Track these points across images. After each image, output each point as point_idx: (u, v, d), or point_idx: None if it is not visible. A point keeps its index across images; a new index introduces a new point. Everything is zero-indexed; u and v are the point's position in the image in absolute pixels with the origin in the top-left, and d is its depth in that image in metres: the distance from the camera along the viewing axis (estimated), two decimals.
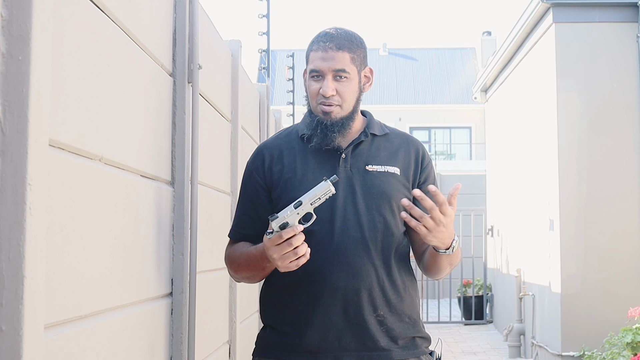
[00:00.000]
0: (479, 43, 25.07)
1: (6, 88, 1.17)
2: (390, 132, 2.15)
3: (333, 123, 2.02)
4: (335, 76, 2.01)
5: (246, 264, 2.04)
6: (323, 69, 2.01)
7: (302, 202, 1.85)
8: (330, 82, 2.01)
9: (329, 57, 2.01)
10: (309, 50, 2.07)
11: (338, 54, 2.02)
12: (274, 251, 1.85)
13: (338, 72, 2.01)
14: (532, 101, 7.36)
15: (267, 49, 8.65)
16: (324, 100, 2.02)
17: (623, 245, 6.08)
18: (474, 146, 24.30)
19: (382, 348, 1.99)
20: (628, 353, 5.11)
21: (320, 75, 2.02)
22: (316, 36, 2.08)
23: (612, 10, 6.26)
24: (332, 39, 2.03)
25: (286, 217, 1.85)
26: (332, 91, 2.00)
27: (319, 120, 2.02)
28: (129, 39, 1.82)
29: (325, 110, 2.02)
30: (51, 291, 1.32)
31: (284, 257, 1.84)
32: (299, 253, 1.85)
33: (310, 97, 2.06)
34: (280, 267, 1.88)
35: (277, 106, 14.84)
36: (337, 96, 2.02)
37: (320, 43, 2.04)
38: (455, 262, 2.06)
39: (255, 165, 2.11)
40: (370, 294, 1.98)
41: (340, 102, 2.02)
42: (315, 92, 2.03)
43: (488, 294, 10.69)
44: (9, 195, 1.16)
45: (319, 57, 2.02)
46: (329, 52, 2.02)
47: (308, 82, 2.06)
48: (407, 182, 2.08)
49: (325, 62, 2.01)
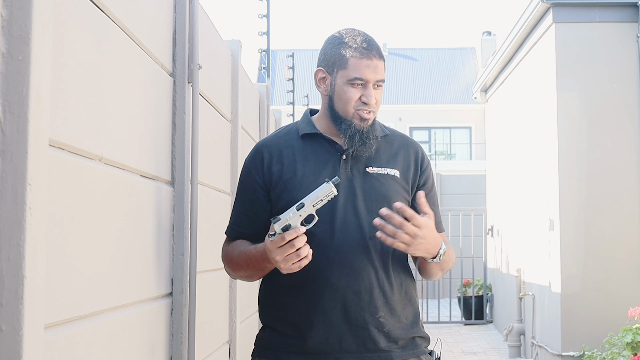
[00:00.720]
0: (479, 43, 25.07)
1: (6, 88, 1.17)
2: (390, 134, 2.14)
3: (369, 129, 2.02)
4: (375, 85, 2.02)
5: (245, 263, 2.03)
6: (369, 78, 2.00)
7: (304, 204, 1.85)
8: (372, 91, 2.01)
9: (374, 66, 2.00)
10: (345, 54, 2.01)
11: (380, 64, 2.02)
12: (277, 253, 1.84)
13: (378, 82, 2.02)
14: (532, 101, 7.36)
15: (267, 49, 8.65)
16: (365, 108, 2.01)
17: (623, 245, 6.08)
18: (474, 146, 24.30)
19: (382, 349, 1.99)
20: (628, 353, 5.11)
21: (363, 84, 2.00)
22: (351, 39, 2.03)
23: (612, 10, 6.26)
24: (373, 47, 2.02)
25: (288, 219, 1.85)
26: (374, 100, 2.01)
27: (357, 128, 2.01)
28: (129, 39, 1.82)
29: (364, 117, 2.01)
30: (51, 291, 1.32)
31: (287, 259, 1.84)
32: (302, 255, 1.85)
33: (345, 102, 2.01)
34: (283, 269, 1.87)
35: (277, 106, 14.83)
36: (375, 105, 2.03)
37: (363, 50, 2.00)
38: (447, 267, 2.08)
39: (254, 164, 2.09)
40: (371, 295, 1.98)
41: (375, 110, 2.04)
42: (355, 99, 2.01)
43: (488, 294, 10.69)
44: (9, 195, 1.16)
45: (364, 65, 1.99)
46: (373, 60, 2.00)
47: (344, 87, 2.01)
48: (407, 185, 2.08)
49: (372, 71, 2.00)
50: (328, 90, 2.05)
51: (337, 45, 2.04)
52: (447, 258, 2.03)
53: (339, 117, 2.03)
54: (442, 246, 1.97)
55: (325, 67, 2.06)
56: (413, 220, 1.87)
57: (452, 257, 2.09)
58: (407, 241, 1.88)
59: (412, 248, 1.90)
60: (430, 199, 2.12)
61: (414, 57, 27.11)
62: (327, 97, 2.07)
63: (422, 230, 1.88)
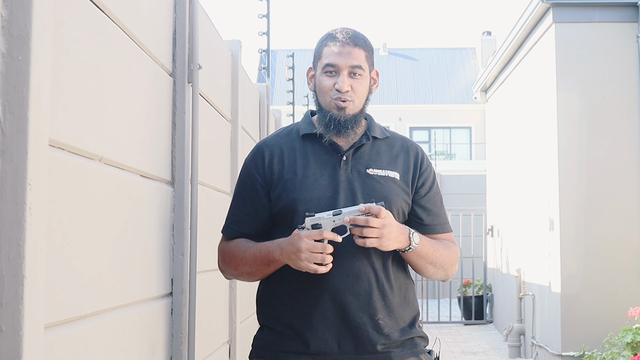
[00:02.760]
0: (479, 43, 25.07)
1: (6, 88, 1.17)
2: (391, 136, 2.14)
3: (347, 119, 2.01)
4: (350, 72, 2.00)
5: (253, 258, 2.02)
6: (340, 64, 1.99)
7: (341, 212, 1.89)
8: (346, 78, 2.00)
9: (345, 53, 2.00)
10: (322, 46, 2.04)
11: (355, 50, 2.01)
12: (305, 244, 1.86)
13: (354, 69, 2.00)
14: (532, 101, 7.36)
15: (267, 49, 8.65)
16: (339, 96, 2.00)
17: (623, 245, 6.08)
18: (474, 146, 24.30)
19: (381, 350, 1.99)
20: (628, 353, 5.11)
21: (335, 70, 2.00)
22: (328, 34, 2.06)
23: (612, 10, 6.26)
24: (349, 36, 2.02)
25: (322, 219, 1.89)
26: (347, 87, 1.99)
27: (332, 117, 2.01)
28: (129, 39, 1.82)
29: (340, 106, 2.00)
30: (51, 291, 1.32)
31: (311, 256, 1.87)
32: (326, 260, 1.88)
33: (322, 92, 2.03)
34: (298, 264, 1.89)
35: (277, 106, 14.83)
36: (351, 92, 2.01)
37: (335, 38, 2.02)
38: (438, 260, 2.06)
39: (255, 163, 2.09)
40: (370, 297, 1.98)
41: (354, 99, 2.01)
42: (329, 87, 2.01)
43: (488, 294, 10.69)
44: (9, 195, 1.16)
45: (335, 52, 2.00)
46: (346, 47, 2.00)
47: (320, 77, 2.03)
48: (407, 187, 2.07)
49: (343, 58, 1.99)
50: (313, 85, 2.09)
51: (319, 41, 2.08)
52: (427, 247, 2.02)
53: (321, 109, 2.05)
54: (410, 230, 1.97)
55: (312, 63, 2.11)
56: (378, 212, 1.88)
57: (437, 247, 2.06)
58: (376, 234, 1.88)
59: (385, 240, 1.90)
60: (431, 200, 2.11)
61: (414, 57, 27.10)
62: (313, 93, 2.10)
63: (386, 219, 1.89)
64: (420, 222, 2.10)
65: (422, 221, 2.10)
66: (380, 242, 1.90)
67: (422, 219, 2.10)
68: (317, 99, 2.07)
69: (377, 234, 1.88)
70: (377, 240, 1.89)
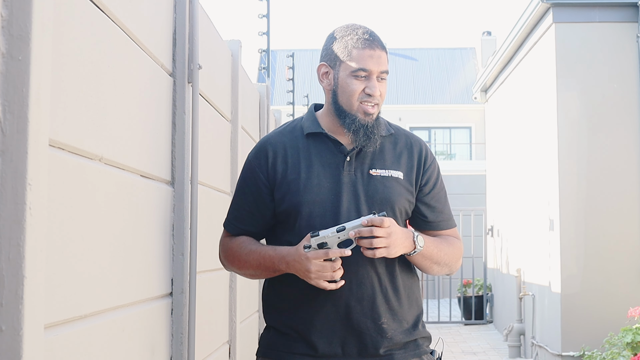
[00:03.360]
0: (479, 43, 25.05)
1: (6, 88, 1.17)
2: (395, 132, 2.12)
3: (373, 124, 2.00)
4: (378, 77, 2.00)
5: (257, 263, 2.02)
6: (372, 69, 1.98)
7: (345, 228, 1.89)
8: (376, 83, 1.99)
9: (377, 57, 1.98)
10: (349, 47, 1.99)
11: (383, 55, 2.00)
12: (314, 266, 1.88)
13: (382, 74, 2.00)
14: (532, 101, 7.36)
15: (267, 49, 8.65)
16: (369, 100, 1.99)
17: (623, 245, 6.08)
18: (474, 146, 24.30)
19: (384, 353, 1.99)
20: (628, 353, 5.11)
21: (367, 75, 1.98)
22: (352, 32, 2.01)
23: (612, 10, 6.26)
24: (375, 39, 2.00)
25: (326, 237, 1.89)
26: (379, 92, 1.99)
27: (361, 123, 1.99)
28: (129, 39, 1.82)
29: (369, 111, 1.99)
30: (51, 291, 1.32)
31: (321, 275, 1.89)
32: (336, 277, 1.90)
33: (349, 95, 1.99)
34: (311, 281, 1.91)
35: (277, 106, 14.84)
36: (379, 97, 2.00)
37: (366, 41, 1.98)
38: (442, 258, 2.06)
39: (259, 162, 2.07)
40: (373, 302, 1.98)
41: (379, 102, 2.01)
42: (359, 91, 1.98)
43: (488, 294, 10.69)
44: (9, 195, 1.16)
45: (367, 56, 1.97)
46: (376, 50, 1.98)
47: (347, 79, 1.99)
48: (411, 186, 2.07)
49: (376, 62, 1.98)
50: (332, 84, 2.03)
51: (339, 39, 2.02)
52: (431, 248, 2.02)
53: (343, 111, 2.01)
54: (414, 234, 1.97)
55: (327, 61, 2.04)
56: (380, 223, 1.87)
57: (440, 250, 2.06)
58: (385, 243, 1.88)
59: (393, 248, 1.90)
60: (435, 197, 2.11)
61: (414, 57, 27.10)
62: (330, 92, 2.04)
63: (391, 227, 1.89)
64: (424, 219, 2.10)
65: (426, 219, 2.10)
66: (388, 251, 1.90)
67: (427, 217, 2.10)
68: (335, 99, 2.02)
69: (385, 243, 1.88)
70: (385, 250, 1.89)
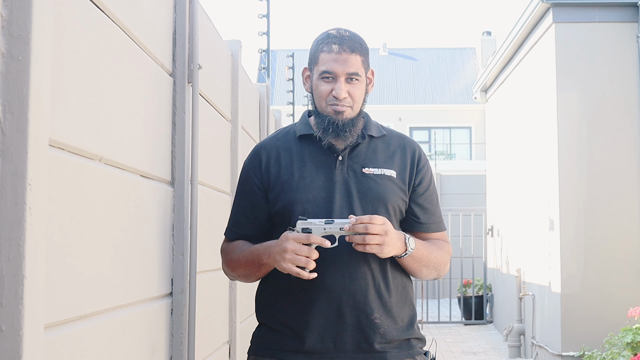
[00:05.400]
0: (479, 43, 25.07)
1: (6, 88, 1.17)
2: (388, 134, 2.14)
3: (345, 123, 2.02)
4: (347, 79, 2.01)
5: (245, 260, 2.05)
6: (337, 71, 2.00)
7: (333, 222, 1.90)
8: (343, 85, 2.00)
9: (342, 60, 2.00)
10: (319, 51, 2.03)
11: (351, 57, 2.01)
12: (292, 246, 1.87)
13: (351, 75, 2.01)
14: (532, 101, 7.36)
15: (267, 49, 8.66)
16: (336, 102, 2.01)
17: (623, 245, 6.08)
18: (474, 146, 24.30)
19: (377, 350, 1.99)
20: (628, 353, 5.11)
21: (333, 77, 2.01)
22: (325, 36, 2.05)
23: (612, 10, 6.26)
24: (345, 42, 2.02)
25: (312, 224, 1.90)
26: (345, 94, 2.00)
27: (330, 120, 2.01)
28: (129, 39, 1.82)
29: (338, 110, 2.01)
30: (51, 291, 1.32)
31: (294, 258, 1.88)
32: (309, 266, 1.88)
33: (319, 97, 2.04)
34: (281, 265, 1.90)
35: (277, 106, 14.83)
36: (348, 98, 2.01)
37: (332, 45, 2.01)
38: (434, 262, 2.06)
39: (253, 166, 2.11)
40: (366, 297, 1.99)
41: (352, 104, 2.03)
42: (326, 93, 2.02)
43: (488, 294, 10.69)
44: (9, 195, 1.16)
45: (332, 59, 2.00)
46: (342, 54, 2.00)
47: (317, 82, 2.03)
48: (404, 185, 2.08)
49: (340, 65, 2.00)
50: (310, 87, 2.09)
51: (315, 43, 2.07)
52: (422, 251, 2.02)
53: (318, 113, 2.06)
54: (405, 235, 1.98)
55: (308, 65, 2.11)
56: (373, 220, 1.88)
57: (431, 250, 2.07)
58: (378, 240, 1.88)
59: (386, 247, 1.90)
60: (428, 198, 2.12)
61: (414, 57, 27.10)
62: (310, 95, 2.10)
63: (386, 225, 1.89)
64: (416, 220, 2.11)
65: (418, 219, 2.11)
66: (381, 249, 1.90)
67: (419, 217, 2.11)
68: (313, 101, 2.08)
69: (379, 240, 1.88)
70: (378, 247, 1.89)
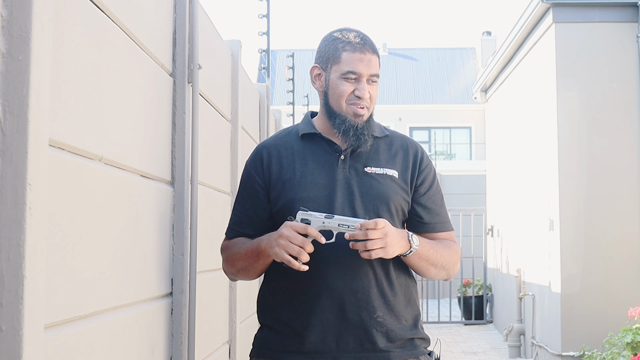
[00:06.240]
0: (479, 43, 25.07)
1: (6, 88, 1.17)
2: (390, 135, 2.14)
3: (363, 126, 2.02)
4: (368, 80, 2.02)
5: (245, 251, 2.05)
6: (362, 72, 2.00)
7: (333, 217, 1.91)
8: (366, 85, 2.01)
9: (367, 60, 2.01)
10: (339, 50, 2.02)
11: (374, 58, 2.03)
12: (288, 233, 1.88)
13: (372, 77, 2.02)
14: (532, 101, 7.36)
15: (267, 49, 8.66)
16: (359, 102, 2.01)
17: (623, 245, 6.08)
18: (474, 146, 24.30)
19: (380, 349, 1.99)
20: (628, 353, 5.11)
21: (356, 77, 2.01)
22: (344, 37, 2.04)
23: (612, 10, 6.26)
24: (366, 42, 2.03)
25: (312, 216, 1.91)
26: (368, 94, 2.01)
27: (351, 124, 2.01)
28: (129, 39, 1.82)
29: (358, 112, 2.02)
30: (51, 291, 1.32)
31: (287, 245, 1.88)
32: (300, 256, 1.88)
33: (338, 96, 2.02)
34: (275, 249, 1.90)
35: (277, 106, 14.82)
36: (368, 99, 2.02)
37: (356, 45, 2.02)
38: (438, 260, 2.06)
39: (254, 165, 2.11)
40: (368, 295, 1.98)
41: (369, 105, 2.04)
42: (348, 92, 2.01)
43: (488, 294, 10.69)
44: (9, 195, 1.16)
45: (357, 59, 2.00)
46: (366, 54, 2.01)
47: (337, 81, 2.02)
48: (405, 185, 2.08)
49: (365, 65, 2.00)
50: (323, 86, 2.07)
51: (331, 42, 2.06)
52: (427, 248, 2.02)
53: (334, 112, 2.04)
54: (408, 233, 1.98)
55: (320, 63, 2.08)
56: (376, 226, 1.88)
57: (437, 248, 2.06)
58: (381, 244, 1.88)
59: (390, 248, 1.90)
60: (431, 198, 2.12)
61: (414, 57, 27.10)
62: (322, 94, 2.08)
63: (385, 228, 1.89)
64: (420, 220, 2.10)
65: (422, 220, 2.10)
66: (385, 252, 1.90)
67: (422, 218, 2.10)
68: (327, 101, 2.06)
69: (381, 244, 1.88)
70: (382, 251, 1.90)
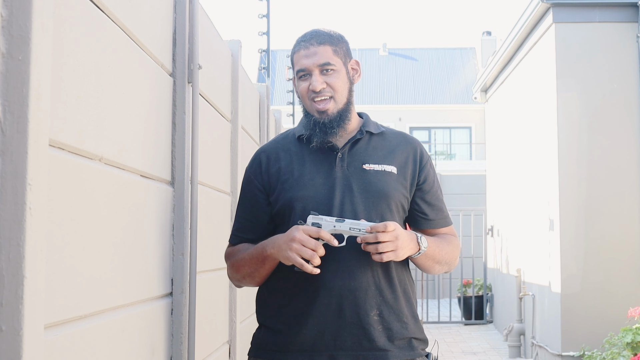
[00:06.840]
0: (479, 43, 25.05)
1: (6, 88, 1.17)
2: (387, 131, 2.16)
3: (331, 120, 2.03)
4: (322, 71, 2.04)
5: (250, 256, 2.05)
6: (308, 66, 2.03)
7: (344, 221, 1.92)
8: (318, 77, 2.03)
9: (311, 54, 2.04)
10: (292, 54, 2.09)
11: (320, 49, 2.04)
12: (301, 236, 1.88)
13: (324, 66, 2.03)
14: (532, 101, 7.36)
15: (267, 49, 8.66)
16: (316, 96, 2.03)
17: (623, 245, 6.08)
18: (474, 146, 24.29)
19: (378, 348, 1.99)
20: (628, 353, 5.11)
21: (308, 73, 2.04)
22: (296, 40, 2.11)
23: (612, 10, 6.26)
24: (312, 37, 2.07)
25: (323, 220, 1.92)
26: (321, 85, 2.02)
27: (315, 121, 2.04)
28: (129, 39, 1.82)
29: (320, 109, 2.03)
30: (51, 291, 1.32)
31: (300, 249, 1.89)
32: (313, 260, 1.89)
33: (302, 97, 2.08)
34: (287, 253, 1.90)
35: (277, 106, 14.84)
36: (328, 88, 2.04)
37: (301, 43, 2.07)
38: (443, 257, 2.08)
39: (253, 170, 2.13)
40: (366, 293, 1.99)
41: (333, 94, 2.04)
42: (305, 90, 2.05)
43: (488, 294, 10.69)
44: (9, 195, 1.16)
45: (302, 56, 2.05)
46: (310, 48, 2.04)
47: (297, 83, 2.08)
48: (405, 181, 2.08)
49: (309, 59, 2.03)
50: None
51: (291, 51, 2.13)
52: (434, 248, 2.04)
53: (307, 113, 2.08)
54: (417, 235, 1.99)
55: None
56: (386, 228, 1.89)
57: (440, 248, 2.08)
58: (392, 247, 1.90)
59: (400, 251, 1.92)
60: (434, 195, 2.13)
61: (414, 57, 27.09)
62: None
63: (396, 231, 1.90)
64: (425, 217, 2.12)
65: (427, 217, 2.12)
66: (396, 254, 1.92)
67: (427, 215, 2.12)
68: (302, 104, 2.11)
69: (392, 247, 1.90)
70: (393, 254, 1.91)
